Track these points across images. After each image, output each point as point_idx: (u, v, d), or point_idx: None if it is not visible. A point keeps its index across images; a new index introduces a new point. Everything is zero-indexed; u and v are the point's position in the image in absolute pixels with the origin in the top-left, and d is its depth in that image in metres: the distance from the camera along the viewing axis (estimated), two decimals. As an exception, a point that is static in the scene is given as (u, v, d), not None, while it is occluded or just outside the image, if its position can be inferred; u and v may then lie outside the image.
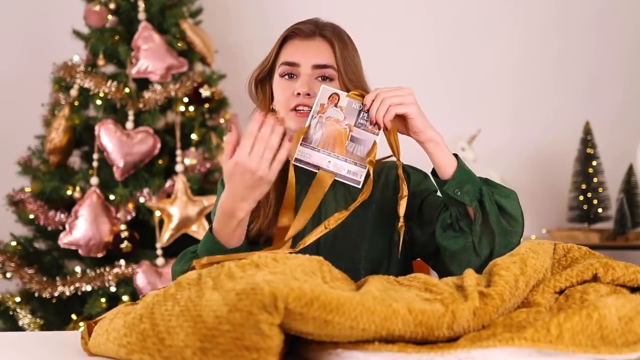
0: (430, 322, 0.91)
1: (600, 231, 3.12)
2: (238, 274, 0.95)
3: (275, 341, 0.83)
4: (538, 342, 0.88)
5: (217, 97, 2.92)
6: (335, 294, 0.87)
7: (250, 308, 0.84)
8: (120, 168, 2.75)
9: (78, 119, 2.80)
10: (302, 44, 1.43)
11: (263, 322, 0.83)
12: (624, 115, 3.42)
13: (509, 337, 0.88)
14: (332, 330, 0.87)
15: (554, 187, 3.41)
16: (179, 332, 0.90)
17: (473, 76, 3.44)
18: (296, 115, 1.38)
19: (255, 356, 0.83)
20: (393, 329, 0.90)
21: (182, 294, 0.96)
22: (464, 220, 1.29)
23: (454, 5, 3.44)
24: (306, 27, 1.44)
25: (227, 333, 0.85)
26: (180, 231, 2.75)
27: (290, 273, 0.95)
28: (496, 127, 3.35)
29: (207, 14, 3.12)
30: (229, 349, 0.84)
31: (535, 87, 3.45)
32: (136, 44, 2.82)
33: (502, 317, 0.97)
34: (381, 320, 0.88)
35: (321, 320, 0.85)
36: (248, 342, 0.83)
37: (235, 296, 0.86)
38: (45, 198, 2.79)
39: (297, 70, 1.41)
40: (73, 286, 2.68)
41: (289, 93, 1.40)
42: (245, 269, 0.97)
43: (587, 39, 3.43)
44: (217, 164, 2.89)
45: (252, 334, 0.83)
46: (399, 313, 0.90)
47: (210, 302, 0.89)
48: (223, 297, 0.88)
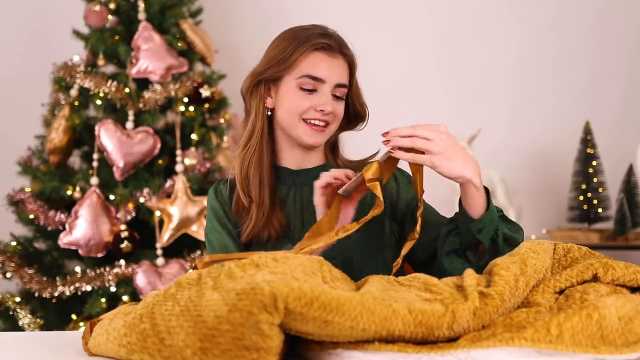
0: (431, 322, 0.91)
1: (600, 231, 3.12)
2: (238, 273, 0.95)
3: (275, 341, 0.83)
4: (538, 342, 0.88)
5: (217, 97, 2.92)
6: (335, 294, 0.87)
7: (250, 308, 0.84)
8: (120, 168, 2.75)
9: (78, 119, 2.80)
10: (330, 61, 1.42)
11: (263, 322, 0.83)
12: (624, 115, 3.42)
13: (509, 337, 0.88)
14: (332, 330, 0.87)
15: (554, 187, 3.41)
16: (179, 332, 0.90)
17: (473, 76, 3.44)
18: (311, 128, 1.41)
19: (256, 356, 0.83)
20: (393, 329, 0.90)
21: (182, 294, 0.96)
22: (472, 251, 1.29)
23: (454, 5, 3.44)
24: (332, 43, 1.42)
25: (227, 333, 0.85)
26: (180, 231, 2.75)
27: (291, 273, 0.95)
28: (496, 127, 3.35)
29: (207, 14, 3.12)
30: (229, 348, 0.84)
31: (535, 87, 3.45)
32: (136, 44, 2.82)
33: (502, 317, 0.97)
34: (381, 320, 0.88)
35: (321, 320, 0.85)
36: (248, 342, 0.84)
37: (235, 296, 0.86)
38: (45, 198, 2.79)
39: (320, 85, 1.41)
40: (73, 286, 2.68)
41: (307, 105, 1.41)
42: (246, 268, 0.97)
43: (587, 39, 3.43)
44: (217, 164, 2.89)
45: (252, 333, 0.83)
46: (399, 313, 0.90)
47: (211, 302, 0.89)
48: (223, 297, 0.88)
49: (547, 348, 0.87)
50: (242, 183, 1.45)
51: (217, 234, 1.47)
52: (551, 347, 0.87)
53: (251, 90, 1.48)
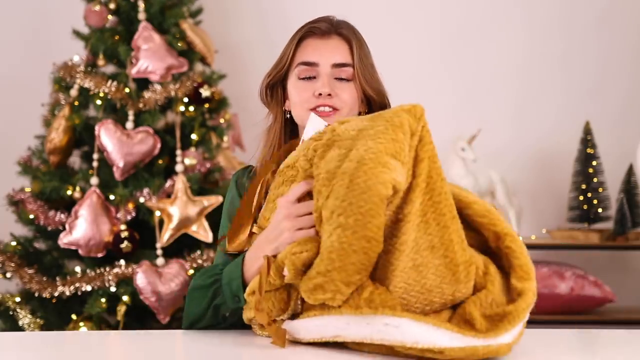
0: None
1: (600, 231, 3.12)
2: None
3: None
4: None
5: (217, 97, 2.92)
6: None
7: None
8: (120, 168, 2.75)
9: (78, 119, 2.80)
10: (320, 43, 1.40)
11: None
12: (625, 115, 3.42)
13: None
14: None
15: (554, 187, 3.40)
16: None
17: (474, 76, 3.43)
18: (319, 115, 1.37)
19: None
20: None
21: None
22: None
23: (456, 5, 3.44)
24: (322, 25, 1.41)
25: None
26: (180, 231, 2.75)
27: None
28: (497, 126, 3.34)
29: (207, 14, 3.12)
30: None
31: (537, 87, 3.44)
32: (136, 44, 2.82)
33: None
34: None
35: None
36: None
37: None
38: (45, 198, 2.79)
39: (316, 70, 1.39)
40: (73, 286, 2.68)
41: (308, 94, 1.39)
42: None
43: (590, 39, 3.43)
44: (217, 164, 2.89)
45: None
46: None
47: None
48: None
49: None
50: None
51: (225, 229, 1.46)
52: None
53: (265, 96, 1.46)
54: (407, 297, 1.05)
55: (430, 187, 1.06)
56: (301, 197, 1.20)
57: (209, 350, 1.22)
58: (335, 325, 1.09)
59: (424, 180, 1.06)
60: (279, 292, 1.15)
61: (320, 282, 1.05)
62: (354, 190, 1.03)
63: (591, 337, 1.36)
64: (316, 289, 1.05)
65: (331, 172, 1.08)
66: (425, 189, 1.06)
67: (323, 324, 1.11)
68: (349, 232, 1.02)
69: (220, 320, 1.35)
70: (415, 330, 1.01)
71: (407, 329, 1.02)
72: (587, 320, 2.96)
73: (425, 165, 1.07)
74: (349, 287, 1.04)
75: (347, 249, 1.02)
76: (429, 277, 1.04)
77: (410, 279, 1.05)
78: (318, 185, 1.11)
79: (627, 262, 3.39)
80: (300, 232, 1.18)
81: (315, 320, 1.12)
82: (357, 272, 1.03)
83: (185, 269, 2.71)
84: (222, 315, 1.34)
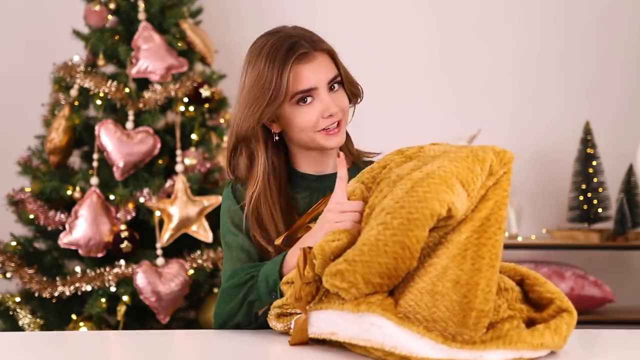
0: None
1: (600, 231, 3.12)
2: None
3: None
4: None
5: (217, 97, 2.92)
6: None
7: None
8: (120, 168, 2.75)
9: (78, 119, 2.80)
10: (309, 67, 1.40)
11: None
12: (625, 115, 3.42)
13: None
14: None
15: (554, 187, 3.40)
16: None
17: (473, 76, 3.43)
18: (327, 134, 1.41)
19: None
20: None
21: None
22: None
23: (455, 5, 3.44)
24: (304, 48, 1.39)
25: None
26: (180, 231, 2.75)
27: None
28: (497, 127, 3.34)
29: (207, 14, 3.12)
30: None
31: (537, 87, 3.44)
32: (136, 44, 2.82)
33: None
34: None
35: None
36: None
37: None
38: (45, 198, 2.79)
39: (315, 92, 1.41)
40: (73, 286, 2.68)
41: (315, 117, 1.40)
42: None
43: (590, 39, 3.42)
44: (217, 164, 2.89)
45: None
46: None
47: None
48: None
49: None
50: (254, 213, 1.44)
51: (232, 235, 1.47)
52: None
53: (252, 135, 1.45)
54: (411, 317, 1.02)
55: (484, 229, 1.04)
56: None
57: (209, 350, 1.22)
58: (335, 321, 1.08)
59: (480, 219, 1.05)
60: (309, 286, 1.13)
61: (343, 269, 1.03)
62: (412, 196, 1.03)
63: (591, 337, 1.35)
64: (336, 275, 1.04)
65: (400, 177, 1.09)
66: (479, 227, 1.04)
67: (325, 317, 1.10)
68: (389, 232, 1.02)
69: (252, 320, 1.36)
70: (396, 334, 1.00)
71: (388, 331, 1.00)
72: (587, 320, 2.96)
73: (489, 206, 1.05)
74: (367, 286, 1.03)
75: (380, 247, 1.02)
76: (440, 308, 1.01)
77: (422, 301, 1.02)
78: (382, 185, 1.12)
79: (627, 262, 3.39)
80: (339, 224, 1.18)
81: (319, 314, 1.12)
82: (380, 274, 1.02)
83: (185, 269, 2.71)
84: (254, 313, 1.35)
